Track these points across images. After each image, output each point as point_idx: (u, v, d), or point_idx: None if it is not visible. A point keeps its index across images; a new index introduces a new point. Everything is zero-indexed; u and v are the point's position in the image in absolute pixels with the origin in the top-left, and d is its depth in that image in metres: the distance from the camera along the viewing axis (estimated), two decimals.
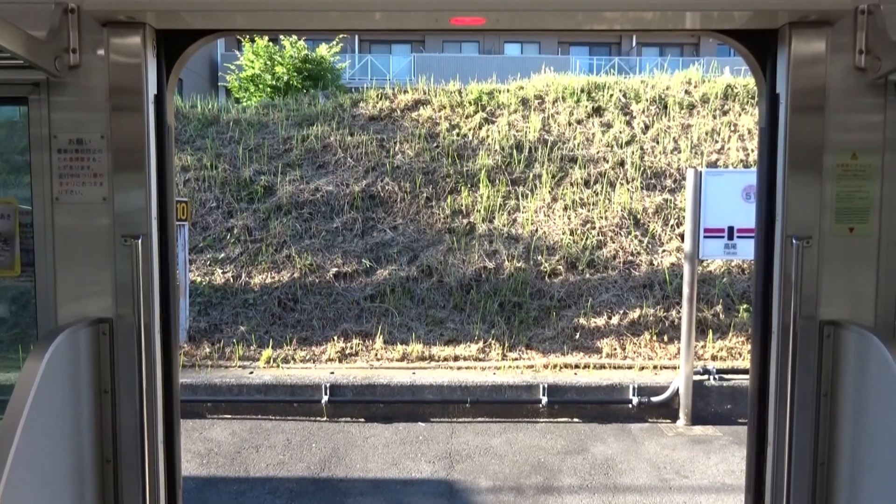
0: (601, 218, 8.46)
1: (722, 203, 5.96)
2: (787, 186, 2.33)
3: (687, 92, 10.37)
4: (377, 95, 10.66)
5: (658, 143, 9.47)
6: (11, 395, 1.94)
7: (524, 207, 8.65)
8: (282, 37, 16.48)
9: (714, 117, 9.91)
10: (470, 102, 10.29)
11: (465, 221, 8.53)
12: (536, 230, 8.36)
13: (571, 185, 8.88)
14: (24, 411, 1.91)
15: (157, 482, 2.42)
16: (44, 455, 2.04)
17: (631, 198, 8.64)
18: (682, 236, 7.91)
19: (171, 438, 2.54)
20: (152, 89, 2.37)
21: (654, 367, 6.77)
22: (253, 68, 16.59)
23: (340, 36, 18.10)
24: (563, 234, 8.29)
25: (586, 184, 8.91)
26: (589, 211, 8.57)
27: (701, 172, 6.00)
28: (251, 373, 6.64)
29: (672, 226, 8.37)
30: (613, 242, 8.23)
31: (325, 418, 6.26)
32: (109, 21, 2.26)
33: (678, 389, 6.23)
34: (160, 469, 2.45)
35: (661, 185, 8.89)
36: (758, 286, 2.50)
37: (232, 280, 7.91)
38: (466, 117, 10.06)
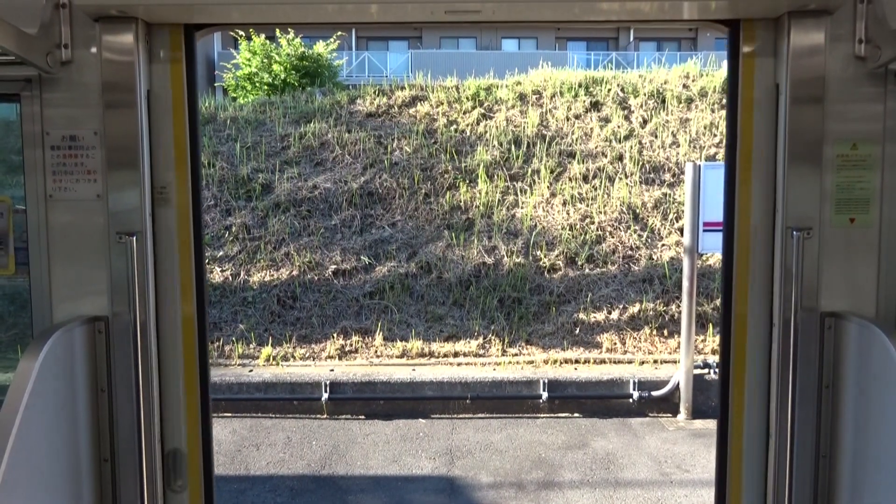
0: (600, 213, 8.44)
1: (719, 196, 5.94)
2: (786, 178, 2.31)
3: (685, 86, 10.34)
4: (374, 92, 10.63)
5: (656, 137, 9.44)
6: (6, 395, 1.92)
7: (523, 203, 8.63)
8: (279, 34, 16.43)
9: (712, 111, 9.88)
10: (467, 98, 10.27)
11: (463, 217, 8.52)
12: (535, 225, 8.34)
13: (570, 179, 8.86)
14: (20, 411, 1.89)
15: (155, 482, 2.41)
16: (40, 455, 2.02)
17: (630, 192, 8.62)
18: (681, 230, 7.89)
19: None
20: (146, 85, 2.35)
21: (655, 362, 6.76)
22: (250, 66, 16.55)
23: (338, 33, 18.07)
24: (563, 229, 8.27)
25: (585, 178, 8.89)
26: (588, 206, 8.55)
27: (700, 166, 5.99)
28: (251, 371, 6.63)
29: (671, 220, 8.36)
30: (613, 237, 8.21)
31: (325, 416, 6.25)
32: (101, 16, 2.23)
33: (679, 384, 6.22)
34: (158, 469, 2.43)
35: (660, 179, 8.87)
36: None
37: (231, 278, 7.89)
38: (464, 113, 10.04)
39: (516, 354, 6.97)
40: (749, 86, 2.40)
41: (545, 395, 6.23)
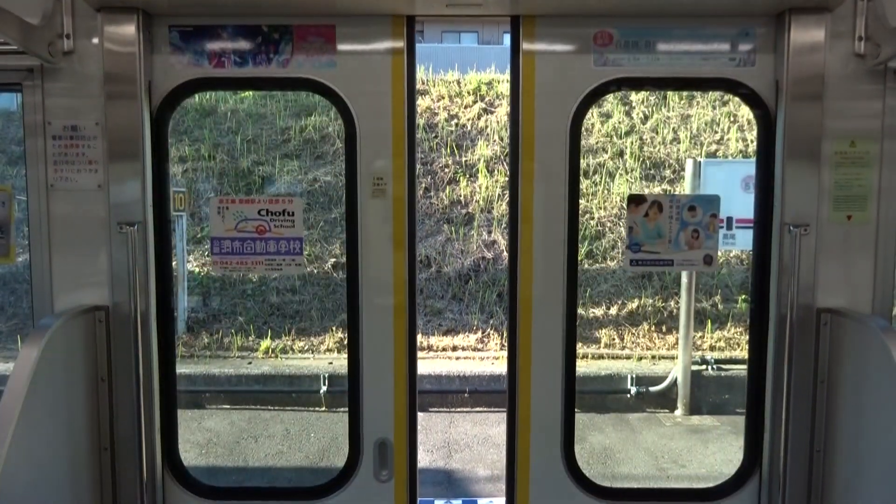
0: (600, 208, 8.45)
1: (721, 193, 5.93)
2: (784, 174, 2.32)
3: None
4: None
5: (657, 133, 9.44)
6: (7, 383, 1.93)
7: None
8: None
9: (713, 108, 9.87)
10: (469, 92, 10.25)
11: (463, 212, 8.52)
12: None
13: None
14: (21, 399, 1.90)
15: (155, 471, 2.42)
16: (40, 443, 2.03)
17: (630, 188, 8.62)
18: None
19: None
20: (147, 76, 2.35)
21: (653, 358, 6.77)
22: None
23: None
24: None
25: (585, 174, 8.88)
26: (588, 201, 8.55)
27: (700, 162, 5.99)
28: (250, 363, 6.64)
29: None
30: (612, 233, 8.22)
31: (323, 408, 6.27)
32: (103, 6, 2.24)
33: (676, 379, 6.23)
34: (157, 458, 2.45)
35: (661, 175, 8.87)
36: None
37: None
38: (465, 107, 10.02)
39: None
40: (530, 81, 2.39)
41: None
